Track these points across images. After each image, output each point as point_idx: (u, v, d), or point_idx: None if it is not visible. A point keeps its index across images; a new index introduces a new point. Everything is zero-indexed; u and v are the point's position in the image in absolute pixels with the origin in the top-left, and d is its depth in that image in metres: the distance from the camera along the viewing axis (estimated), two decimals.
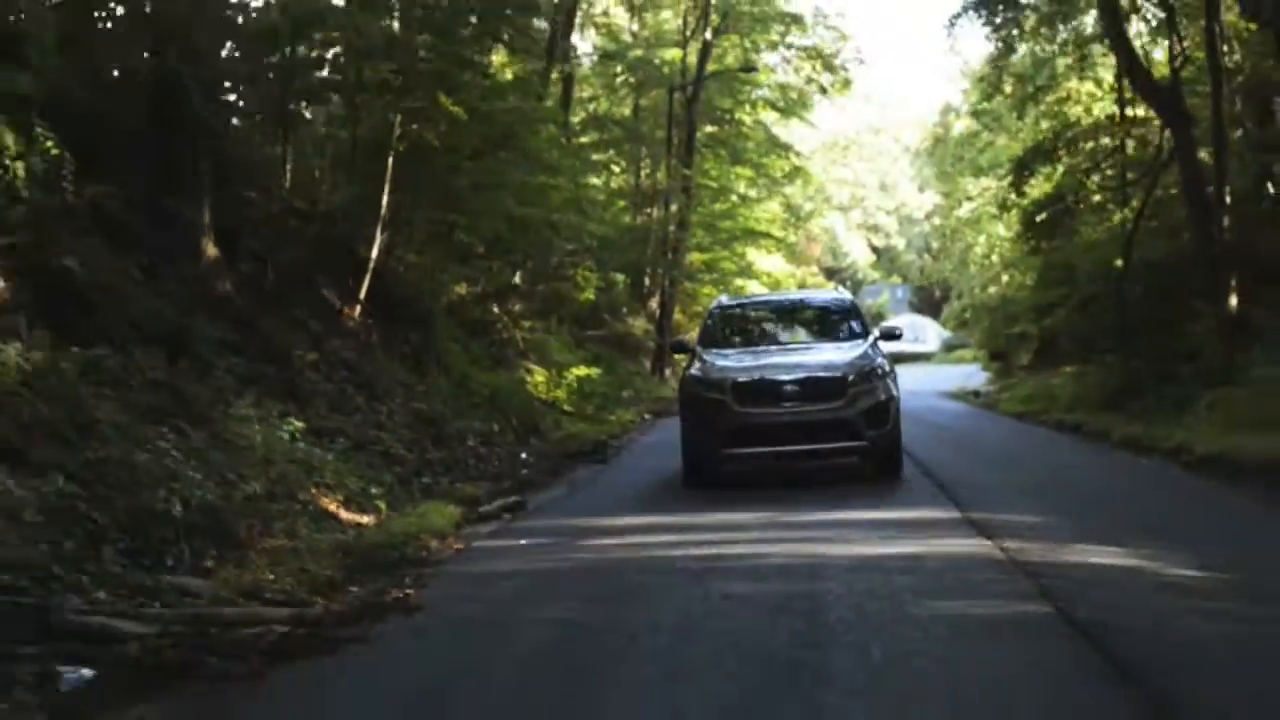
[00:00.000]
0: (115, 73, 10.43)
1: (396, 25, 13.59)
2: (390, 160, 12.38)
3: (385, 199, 12.46)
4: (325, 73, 12.55)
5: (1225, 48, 16.22)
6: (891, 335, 11.55)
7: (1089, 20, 21.51)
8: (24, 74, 8.12)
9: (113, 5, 10.18)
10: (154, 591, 5.34)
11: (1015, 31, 22.53)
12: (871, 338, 10.56)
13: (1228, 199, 16.24)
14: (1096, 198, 21.49)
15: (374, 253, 12.50)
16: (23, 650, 4.41)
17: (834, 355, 10.07)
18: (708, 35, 28.79)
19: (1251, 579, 5.56)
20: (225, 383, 9.02)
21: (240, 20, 11.12)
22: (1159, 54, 19.76)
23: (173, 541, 5.97)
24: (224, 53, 10.82)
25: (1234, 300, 15.77)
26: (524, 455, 12.15)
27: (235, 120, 11.93)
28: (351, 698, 4.24)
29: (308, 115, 12.60)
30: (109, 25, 10.36)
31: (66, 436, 6.45)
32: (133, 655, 4.50)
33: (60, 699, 4.07)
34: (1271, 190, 16.91)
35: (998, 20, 22.40)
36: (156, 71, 9.81)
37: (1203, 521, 7.81)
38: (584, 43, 30.31)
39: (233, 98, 11.41)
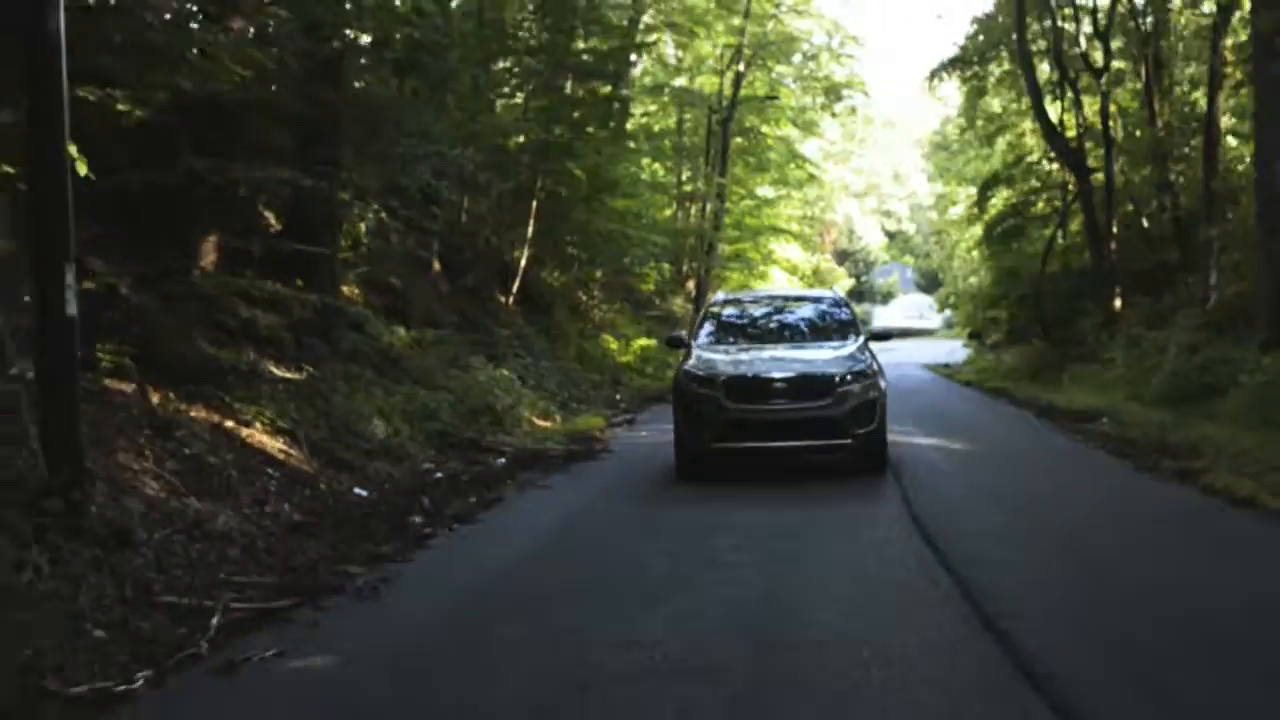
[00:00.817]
0: None
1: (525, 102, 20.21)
2: (534, 204, 19.13)
3: (530, 229, 19.21)
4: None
5: (1112, 123, 22.78)
6: (881, 337, 11.94)
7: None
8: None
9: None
10: (499, 443, 12.16)
11: (981, 84, 29.05)
12: (862, 338, 11.07)
13: (1115, 230, 22.96)
14: (1038, 218, 28.07)
15: (522, 264, 19.28)
16: (469, 455, 11.26)
17: (824, 354, 10.56)
18: (740, 67, 35.28)
19: (986, 449, 12.26)
20: (460, 348, 15.83)
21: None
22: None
23: (489, 422, 12.82)
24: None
25: (1117, 303, 22.50)
26: (617, 396, 18.94)
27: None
28: (603, 471, 11.04)
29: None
30: None
31: (427, 373, 13.31)
32: (508, 459, 11.32)
33: (497, 467, 10.87)
34: (1146, 224, 23.49)
35: (968, 74, 28.91)
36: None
37: (1003, 433, 14.50)
38: (636, 61, 36.77)
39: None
